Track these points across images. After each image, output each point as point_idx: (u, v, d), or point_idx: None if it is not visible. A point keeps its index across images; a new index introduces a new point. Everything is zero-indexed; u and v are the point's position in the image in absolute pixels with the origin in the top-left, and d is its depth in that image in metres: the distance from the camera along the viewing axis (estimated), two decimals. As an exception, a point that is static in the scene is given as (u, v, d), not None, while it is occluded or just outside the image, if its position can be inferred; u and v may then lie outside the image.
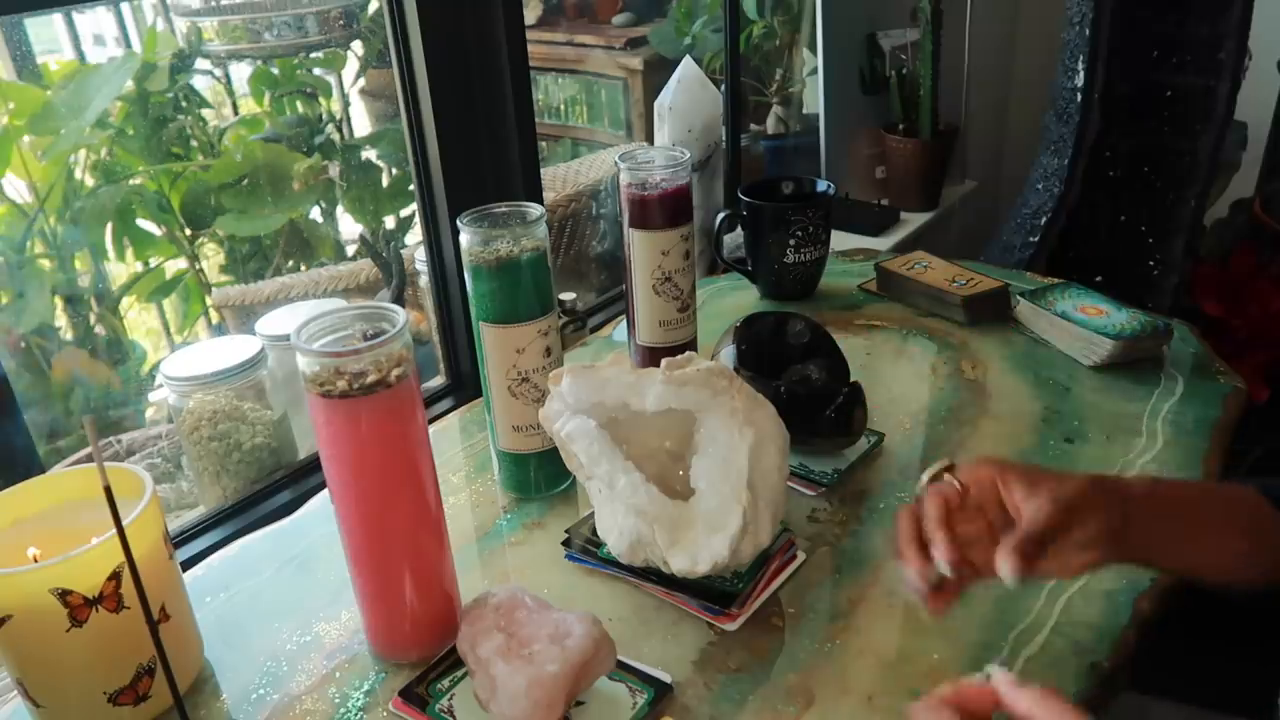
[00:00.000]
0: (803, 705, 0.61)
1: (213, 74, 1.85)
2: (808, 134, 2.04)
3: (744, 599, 0.68)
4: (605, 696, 0.62)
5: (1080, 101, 1.71)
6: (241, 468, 0.96)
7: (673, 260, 0.91)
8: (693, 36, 2.21)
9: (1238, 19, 1.60)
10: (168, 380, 0.95)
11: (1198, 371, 0.96)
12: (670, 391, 0.68)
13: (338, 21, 1.83)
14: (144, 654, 0.61)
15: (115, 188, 1.64)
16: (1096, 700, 0.61)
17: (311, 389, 0.58)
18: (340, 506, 0.62)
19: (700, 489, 0.67)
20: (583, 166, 1.91)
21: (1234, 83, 1.64)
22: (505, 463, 0.84)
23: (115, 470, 0.62)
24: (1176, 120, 1.69)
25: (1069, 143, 1.74)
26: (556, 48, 2.40)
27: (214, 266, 1.83)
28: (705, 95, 1.34)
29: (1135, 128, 1.72)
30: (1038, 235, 1.77)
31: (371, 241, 1.83)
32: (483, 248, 0.75)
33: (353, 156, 1.85)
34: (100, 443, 0.84)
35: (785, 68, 2.13)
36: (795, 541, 0.74)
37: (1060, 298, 1.03)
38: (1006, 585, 0.54)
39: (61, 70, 1.58)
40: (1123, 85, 1.70)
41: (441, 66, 1.02)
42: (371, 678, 0.66)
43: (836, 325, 1.06)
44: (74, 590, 0.57)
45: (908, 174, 1.96)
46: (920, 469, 0.83)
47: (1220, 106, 1.65)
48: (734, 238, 1.32)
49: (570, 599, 0.71)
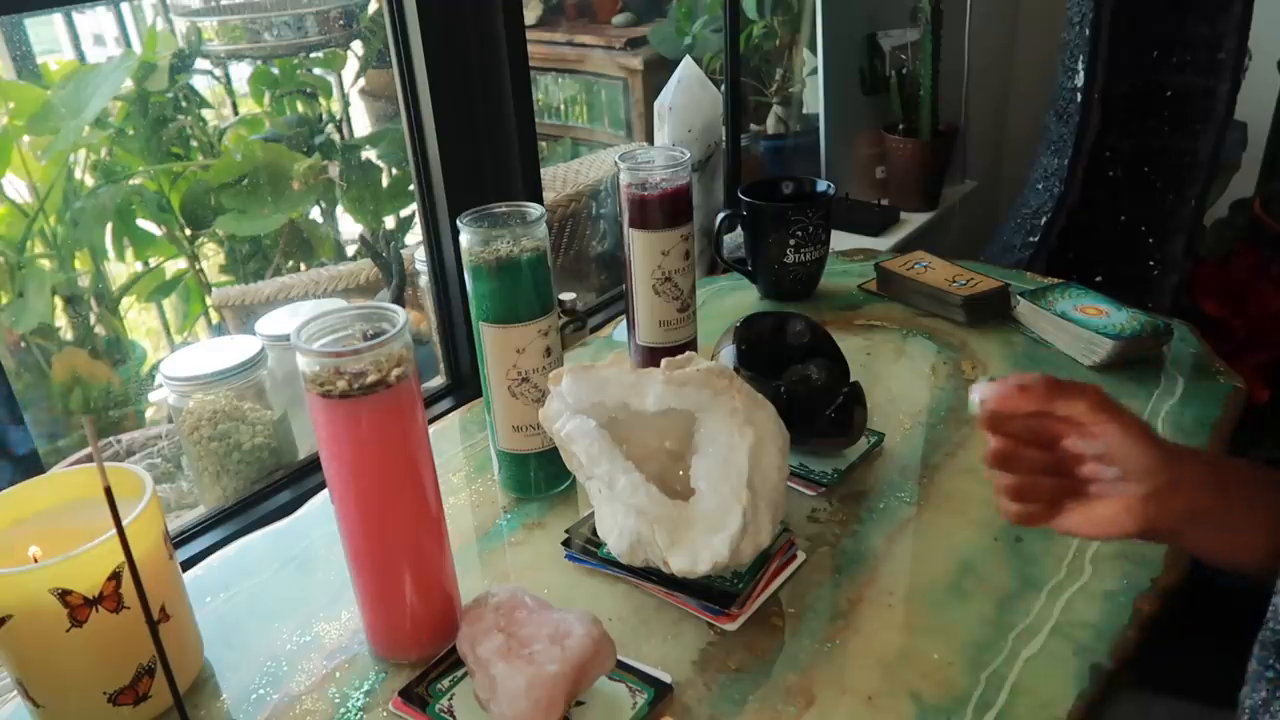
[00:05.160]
0: (803, 705, 0.61)
1: (213, 74, 1.85)
2: (808, 134, 2.04)
3: (744, 599, 0.68)
4: (605, 696, 0.62)
5: (1080, 101, 1.70)
6: (241, 468, 0.96)
7: (673, 260, 0.91)
8: (693, 36, 2.21)
9: (1238, 19, 1.60)
10: (168, 380, 0.95)
11: (1198, 371, 0.96)
12: (670, 391, 0.68)
13: (338, 21, 1.83)
14: (144, 654, 0.61)
15: (115, 188, 1.64)
16: (1097, 701, 0.61)
17: (311, 389, 0.58)
18: (340, 506, 0.62)
19: (700, 489, 0.67)
20: (583, 166, 1.91)
21: (1234, 83, 1.64)
22: (505, 463, 0.84)
23: (115, 470, 0.62)
24: (1176, 120, 1.69)
25: (1069, 143, 1.74)
26: (556, 48, 2.40)
27: (214, 266, 1.83)
28: (705, 95, 1.34)
29: (1135, 128, 1.72)
30: (1038, 235, 1.77)
31: (371, 241, 1.83)
32: (483, 248, 0.75)
33: (353, 156, 1.85)
34: (100, 443, 0.84)
35: (785, 68, 2.13)
36: (795, 541, 0.74)
37: (1060, 298, 1.03)
38: (971, 411, 0.54)
39: (61, 70, 1.58)
40: (1123, 85, 1.70)
41: (441, 66, 1.02)
42: (371, 678, 0.66)
43: (836, 325, 1.06)
44: (74, 590, 0.57)
45: (908, 174, 1.96)
46: (920, 469, 0.83)
47: (1220, 106, 1.65)
48: (734, 238, 1.32)
49: (570, 599, 0.71)
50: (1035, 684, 0.61)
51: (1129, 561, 0.71)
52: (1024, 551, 0.73)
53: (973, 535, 0.75)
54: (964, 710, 0.60)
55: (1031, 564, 0.72)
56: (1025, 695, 0.61)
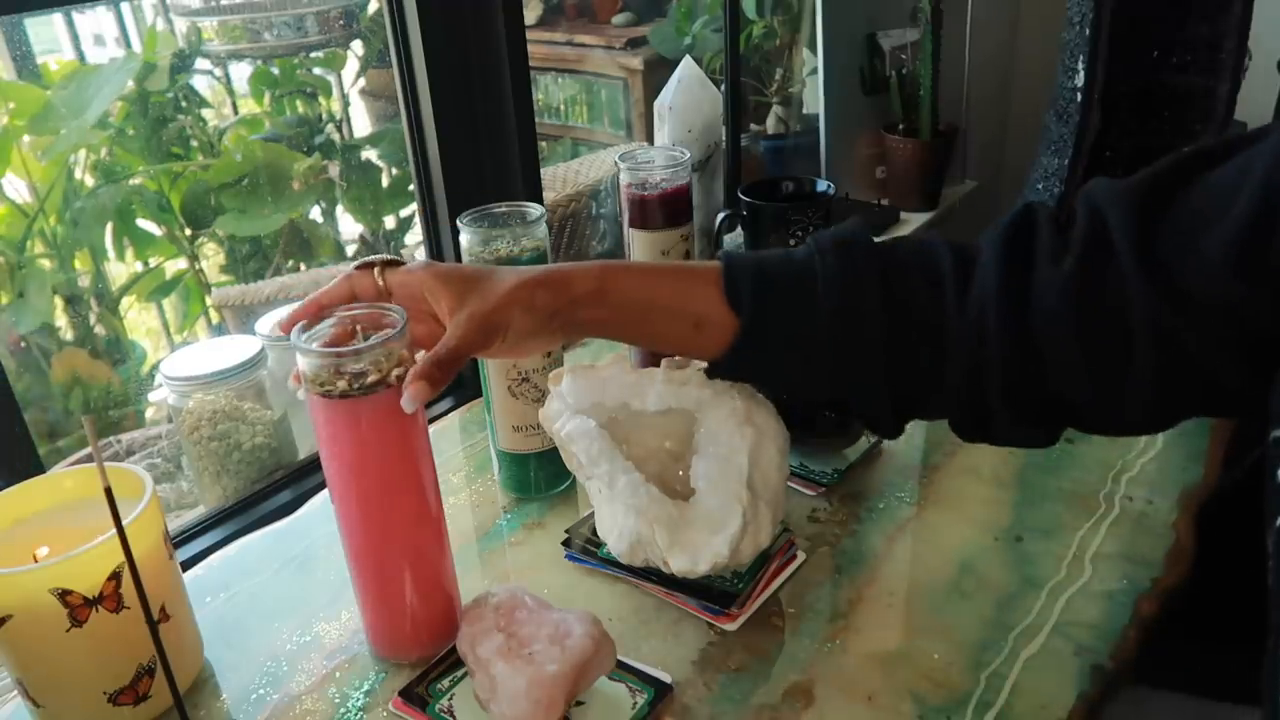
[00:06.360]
0: (803, 705, 0.61)
1: (213, 74, 1.85)
2: (808, 134, 2.04)
3: (744, 599, 0.68)
4: (605, 696, 0.62)
5: (1080, 101, 1.70)
6: (241, 468, 0.96)
7: (673, 260, 0.91)
8: (693, 36, 2.21)
9: (1238, 19, 1.60)
10: (168, 380, 0.95)
11: (1198, 371, 0.96)
12: (670, 391, 0.68)
13: (338, 21, 1.83)
14: (144, 654, 0.61)
15: (115, 188, 1.64)
16: (1096, 701, 0.61)
17: (311, 389, 0.58)
18: (340, 506, 0.62)
19: (700, 489, 0.67)
20: (583, 166, 1.91)
21: (1234, 83, 1.63)
22: (505, 463, 0.84)
23: (115, 470, 0.62)
24: (1176, 120, 1.69)
25: (1069, 143, 1.74)
26: (556, 48, 2.40)
27: (214, 266, 1.83)
28: (705, 95, 1.34)
29: (1135, 128, 1.72)
30: (1038, 235, 1.76)
31: (371, 241, 1.83)
32: (483, 248, 0.75)
33: (353, 156, 1.86)
34: (100, 443, 0.84)
35: (785, 68, 2.13)
36: (795, 541, 0.74)
37: (1060, 298, 1.03)
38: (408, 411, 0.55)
39: (61, 70, 1.58)
40: (1123, 85, 1.70)
41: (441, 66, 1.02)
42: (371, 678, 0.66)
43: (836, 325, 1.06)
44: (74, 590, 0.57)
45: (908, 174, 1.96)
46: (920, 469, 0.83)
47: (1220, 106, 1.64)
48: (734, 238, 1.32)
49: (570, 599, 0.71)
50: (1035, 684, 0.61)
51: (1129, 561, 0.71)
52: (1024, 551, 0.73)
53: (973, 535, 0.75)
54: (964, 710, 0.60)
55: (1031, 564, 0.72)
56: (1025, 695, 0.61)
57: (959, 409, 0.57)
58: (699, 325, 0.58)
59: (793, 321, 0.57)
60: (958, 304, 0.54)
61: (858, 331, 0.55)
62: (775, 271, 0.57)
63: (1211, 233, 0.46)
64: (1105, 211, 0.51)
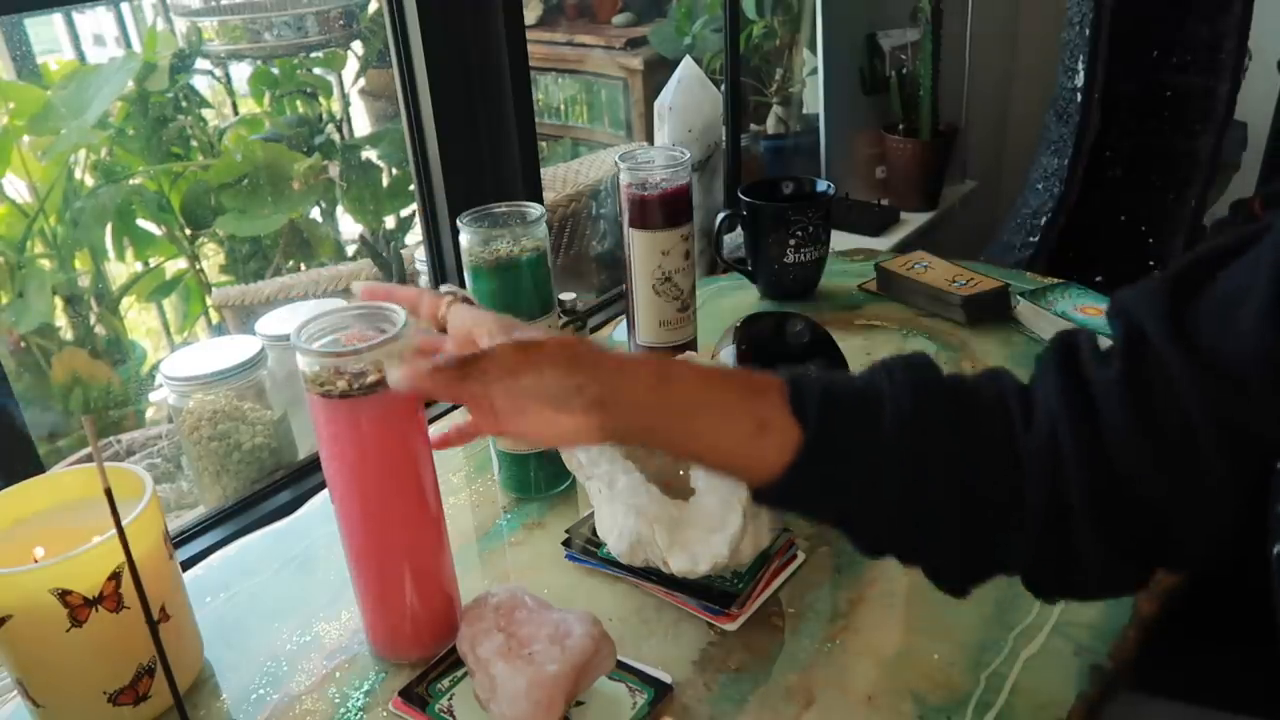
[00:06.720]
0: (803, 705, 0.61)
1: (213, 74, 1.85)
2: (808, 134, 2.04)
3: (744, 599, 0.68)
4: (605, 696, 0.62)
5: (1080, 101, 1.71)
6: (241, 468, 0.96)
7: (673, 260, 0.91)
8: (693, 36, 2.21)
9: (1238, 19, 1.60)
10: (168, 380, 0.95)
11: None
12: (670, 391, 0.68)
13: (338, 21, 1.83)
14: (144, 654, 0.61)
15: (115, 188, 1.64)
16: (1096, 701, 0.61)
17: (311, 389, 0.58)
18: (340, 506, 0.62)
19: (700, 489, 0.67)
20: (583, 166, 1.91)
21: (1234, 83, 1.64)
22: (505, 463, 0.84)
23: (115, 470, 0.62)
24: (1176, 120, 1.69)
25: (1069, 143, 1.74)
26: (556, 48, 2.40)
27: (214, 266, 1.83)
28: (705, 95, 1.34)
29: (1135, 128, 1.72)
30: (1038, 235, 1.77)
31: (371, 241, 1.83)
32: (483, 248, 0.75)
33: (353, 156, 1.85)
34: (100, 443, 0.84)
35: (785, 68, 2.13)
36: (795, 541, 0.74)
37: (1060, 298, 1.03)
38: (391, 386, 0.53)
39: (61, 70, 1.58)
40: (1123, 85, 1.70)
41: (441, 66, 1.02)
42: (371, 678, 0.66)
43: (836, 325, 1.06)
44: (74, 590, 0.57)
45: (908, 174, 1.96)
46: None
47: (1220, 106, 1.65)
48: (734, 238, 1.32)
49: (570, 599, 0.71)
50: (1035, 684, 0.61)
51: (1129, 561, 0.71)
52: (1024, 551, 0.73)
53: (973, 535, 0.75)
54: (964, 710, 0.60)
55: (1031, 564, 0.72)
56: (1025, 695, 0.61)
57: (1037, 547, 0.52)
58: (763, 427, 0.53)
59: (860, 432, 0.53)
60: (1024, 422, 0.51)
61: (926, 447, 0.52)
62: (841, 388, 0.54)
63: (1244, 307, 0.46)
64: (1135, 313, 0.51)
